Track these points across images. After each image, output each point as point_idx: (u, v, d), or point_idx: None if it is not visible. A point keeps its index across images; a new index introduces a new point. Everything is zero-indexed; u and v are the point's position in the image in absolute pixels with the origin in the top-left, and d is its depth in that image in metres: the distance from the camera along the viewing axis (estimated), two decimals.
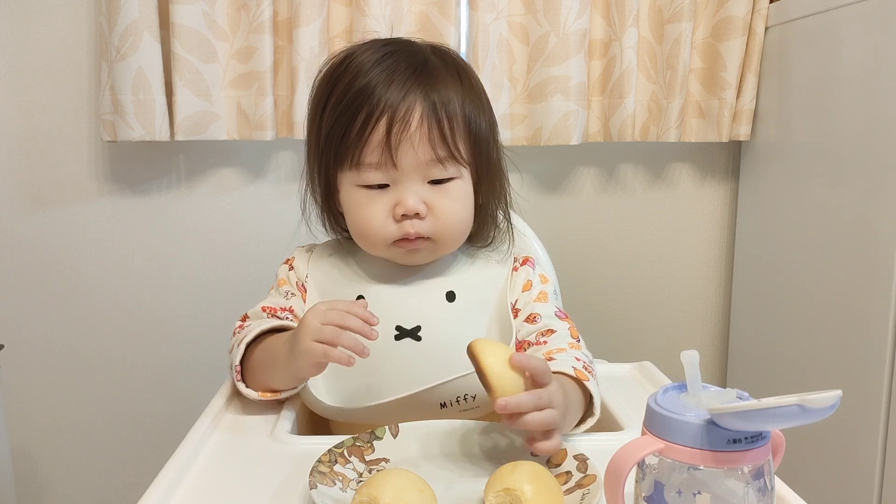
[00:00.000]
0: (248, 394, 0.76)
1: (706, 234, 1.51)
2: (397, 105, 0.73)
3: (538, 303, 0.81)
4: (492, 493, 0.56)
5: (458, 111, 0.75)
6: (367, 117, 0.73)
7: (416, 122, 0.73)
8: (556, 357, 0.74)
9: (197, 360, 1.43)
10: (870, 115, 1.07)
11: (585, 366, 0.73)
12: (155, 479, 0.60)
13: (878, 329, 1.04)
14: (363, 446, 0.66)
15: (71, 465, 1.45)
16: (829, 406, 0.42)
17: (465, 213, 0.78)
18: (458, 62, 0.80)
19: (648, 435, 0.49)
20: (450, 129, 0.74)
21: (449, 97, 0.75)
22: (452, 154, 0.75)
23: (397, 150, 0.73)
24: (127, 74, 1.21)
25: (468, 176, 0.78)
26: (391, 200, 0.75)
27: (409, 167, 0.74)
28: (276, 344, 0.74)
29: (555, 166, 1.46)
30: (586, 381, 0.71)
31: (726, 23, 1.34)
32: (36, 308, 1.40)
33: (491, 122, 0.81)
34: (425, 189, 0.76)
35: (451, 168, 0.76)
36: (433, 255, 0.80)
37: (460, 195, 0.77)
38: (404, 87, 0.73)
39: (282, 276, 0.85)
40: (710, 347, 1.56)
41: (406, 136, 0.73)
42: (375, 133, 0.73)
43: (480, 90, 0.81)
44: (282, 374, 0.73)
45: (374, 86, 0.73)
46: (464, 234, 0.80)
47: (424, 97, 0.73)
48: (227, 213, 1.41)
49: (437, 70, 0.76)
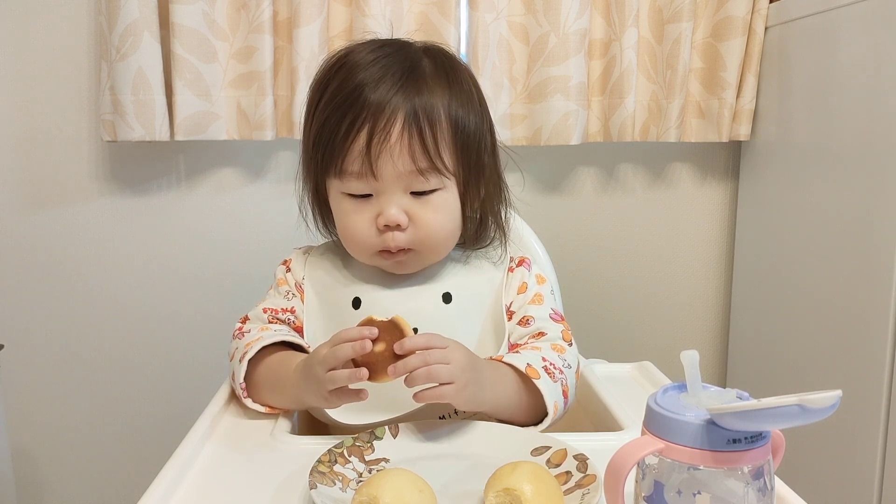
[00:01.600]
0: (255, 408, 0.76)
1: (706, 234, 1.51)
2: (379, 114, 0.72)
3: (532, 305, 0.81)
4: (492, 493, 0.56)
5: (442, 118, 0.74)
6: (350, 124, 0.73)
7: (397, 132, 0.72)
8: (522, 351, 0.75)
9: (197, 360, 1.43)
10: (870, 115, 1.07)
11: (547, 367, 0.73)
12: (155, 479, 0.60)
13: (878, 329, 1.04)
14: (363, 446, 0.66)
15: (71, 465, 1.45)
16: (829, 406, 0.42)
17: (449, 224, 0.77)
18: (451, 63, 0.79)
19: (648, 435, 0.49)
20: (433, 139, 0.73)
21: (433, 104, 0.74)
22: (434, 165, 0.74)
23: (377, 161, 0.72)
24: (127, 74, 1.21)
25: (453, 186, 0.77)
26: (374, 211, 0.75)
27: (390, 178, 0.73)
28: (282, 370, 0.74)
29: (555, 166, 1.46)
30: (536, 378, 0.71)
31: (726, 23, 1.34)
32: (36, 308, 1.40)
33: (483, 123, 0.79)
34: (407, 200, 0.75)
35: (434, 179, 0.75)
36: (420, 263, 0.80)
37: (443, 206, 0.76)
38: (389, 93, 0.72)
39: (280, 277, 0.85)
40: (710, 347, 1.56)
41: (386, 147, 0.72)
42: (357, 142, 0.72)
43: (471, 92, 0.79)
44: (290, 402, 0.75)
45: (360, 91, 0.73)
46: (449, 243, 0.80)
47: (408, 104, 0.72)
48: (227, 213, 1.41)
49: (425, 75, 0.75)
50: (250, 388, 0.77)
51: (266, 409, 0.76)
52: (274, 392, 0.75)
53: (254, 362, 0.76)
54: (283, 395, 0.74)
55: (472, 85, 0.80)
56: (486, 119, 0.81)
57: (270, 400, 0.76)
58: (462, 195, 0.78)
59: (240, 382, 0.76)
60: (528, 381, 0.72)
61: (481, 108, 0.80)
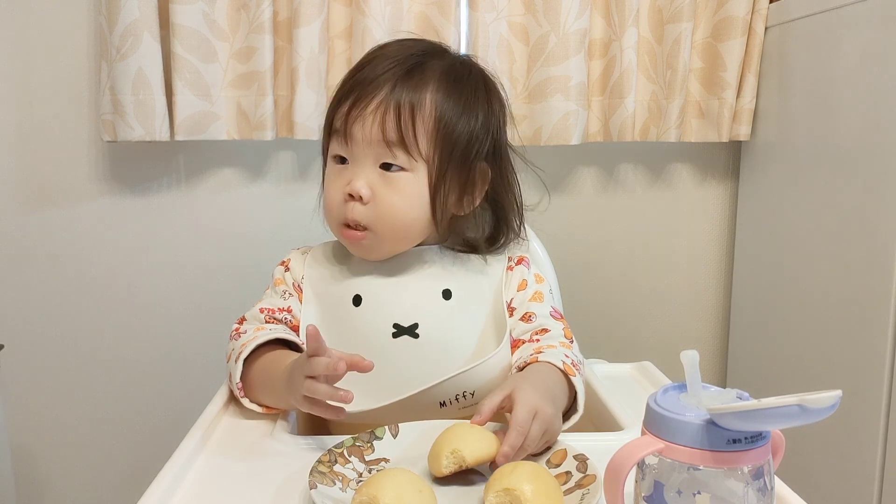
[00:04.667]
0: (252, 408, 0.77)
1: (706, 234, 1.51)
2: (367, 85, 0.76)
3: (533, 302, 0.82)
4: (492, 493, 0.56)
5: (426, 106, 0.76)
6: (346, 92, 0.78)
7: (376, 103, 0.75)
8: (546, 351, 0.75)
9: (197, 360, 1.43)
10: (870, 115, 1.07)
11: (574, 363, 0.75)
12: (155, 478, 0.61)
13: (878, 329, 1.04)
14: (363, 446, 0.66)
15: (71, 464, 1.45)
16: (829, 406, 0.42)
17: (410, 211, 0.77)
18: (465, 71, 0.81)
19: (648, 435, 0.49)
20: (410, 119, 0.75)
21: (421, 92, 0.76)
22: (404, 140, 0.75)
23: (353, 124, 0.76)
24: (127, 74, 1.21)
25: (423, 173, 0.77)
26: (346, 178, 0.78)
27: (360, 144, 0.76)
28: (273, 370, 0.74)
29: (555, 166, 1.46)
30: (573, 375, 0.73)
31: (726, 23, 1.34)
32: (36, 308, 1.39)
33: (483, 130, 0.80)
34: (375, 174, 0.77)
35: (402, 156, 0.76)
36: (377, 250, 0.80)
37: (407, 190, 0.77)
38: (385, 74, 0.76)
39: (278, 277, 0.85)
40: (710, 347, 1.56)
41: (361, 114, 0.75)
42: (343, 105, 0.77)
43: (477, 100, 0.80)
44: (279, 402, 0.75)
45: (364, 68, 0.78)
46: (410, 232, 0.80)
47: (396, 85, 0.76)
48: (227, 213, 1.41)
49: (425, 70, 0.77)
50: (247, 387, 0.77)
51: (263, 409, 0.76)
52: (266, 391, 0.76)
53: (249, 362, 0.76)
54: (274, 394, 0.75)
55: (485, 98, 0.81)
56: (494, 131, 0.81)
57: (264, 399, 0.76)
58: (433, 187, 0.78)
59: (236, 382, 0.76)
60: (566, 377, 0.73)
61: (484, 119, 0.80)
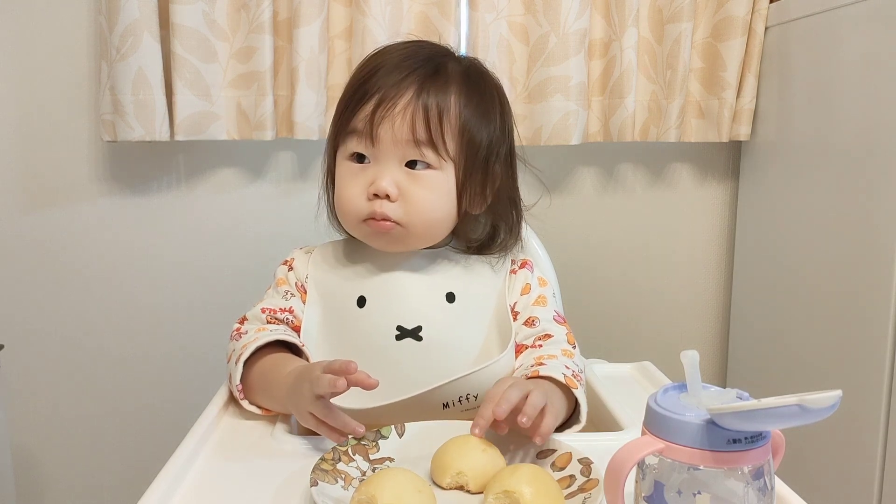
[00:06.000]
0: (252, 410, 0.76)
1: (706, 234, 1.51)
2: (391, 87, 0.75)
3: (537, 306, 0.82)
4: (491, 495, 0.56)
5: (451, 110, 0.76)
6: (364, 92, 0.76)
7: (403, 104, 0.74)
8: (547, 363, 0.75)
9: (197, 360, 1.43)
10: (870, 115, 1.07)
11: (574, 374, 0.74)
12: (155, 478, 0.60)
13: (878, 329, 1.04)
14: (368, 445, 0.66)
15: (71, 464, 1.45)
16: (829, 406, 0.42)
17: (440, 207, 0.77)
18: (479, 76, 0.81)
19: (648, 435, 0.49)
20: (437, 119, 0.75)
21: (447, 96, 0.75)
22: (433, 140, 0.75)
23: (379, 126, 0.74)
24: (127, 74, 1.21)
25: (451, 172, 0.77)
26: (368, 178, 0.76)
27: (387, 145, 0.75)
28: (274, 375, 0.74)
29: (555, 166, 1.46)
30: (575, 388, 0.72)
31: (726, 23, 1.34)
32: (36, 308, 1.39)
33: (501, 136, 0.80)
34: (401, 173, 0.76)
35: (430, 155, 0.75)
36: (403, 243, 0.79)
37: (437, 187, 0.77)
38: (408, 78, 0.75)
39: (280, 276, 0.85)
40: (710, 347, 1.56)
41: (389, 114, 0.74)
42: (365, 107, 0.75)
43: (493, 104, 0.80)
44: (279, 407, 0.75)
45: (380, 70, 0.76)
46: (437, 230, 0.80)
47: (422, 88, 0.75)
48: (227, 213, 1.41)
49: (447, 74, 0.77)
50: (247, 389, 0.77)
51: (262, 411, 0.76)
52: (265, 395, 0.76)
53: (250, 364, 0.76)
54: (274, 399, 0.75)
55: (498, 102, 0.81)
56: (507, 135, 0.82)
57: (264, 403, 0.76)
58: (459, 186, 0.78)
59: (236, 384, 0.76)
60: (568, 390, 0.72)
61: (500, 123, 0.80)
